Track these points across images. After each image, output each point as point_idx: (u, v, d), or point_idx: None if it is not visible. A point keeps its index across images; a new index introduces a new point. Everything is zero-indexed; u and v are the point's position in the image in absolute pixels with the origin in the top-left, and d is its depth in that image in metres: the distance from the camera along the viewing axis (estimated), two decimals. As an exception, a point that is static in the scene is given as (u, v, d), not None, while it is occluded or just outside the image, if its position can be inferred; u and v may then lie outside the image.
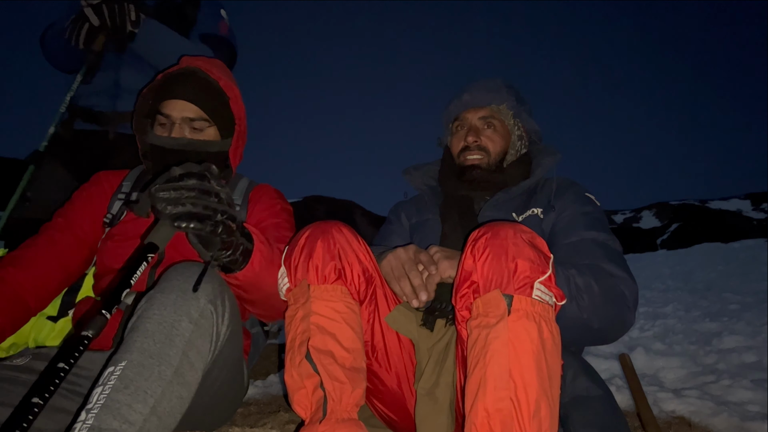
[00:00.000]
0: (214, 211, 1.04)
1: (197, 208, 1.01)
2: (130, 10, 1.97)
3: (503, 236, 1.11)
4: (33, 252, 1.41)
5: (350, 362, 1.18)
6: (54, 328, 1.45)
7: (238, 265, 1.20)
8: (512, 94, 1.72)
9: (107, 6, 1.94)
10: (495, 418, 0.99)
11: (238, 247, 1.17)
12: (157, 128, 1.52)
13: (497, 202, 1.61)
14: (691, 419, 1.87)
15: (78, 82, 2.01)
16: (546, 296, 1.07)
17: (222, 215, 1.05)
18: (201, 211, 1.02)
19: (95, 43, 2.00)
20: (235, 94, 1.57)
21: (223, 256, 1.15)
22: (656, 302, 4.85)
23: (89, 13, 1.95)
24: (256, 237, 1.24)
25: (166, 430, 0.98)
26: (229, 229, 1.09)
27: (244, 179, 1.70)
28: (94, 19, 1.95)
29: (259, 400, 2.11)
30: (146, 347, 0.98)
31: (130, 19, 1.98)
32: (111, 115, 2.07)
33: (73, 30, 1.97)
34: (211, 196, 1.04)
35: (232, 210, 1.10)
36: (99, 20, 1.95)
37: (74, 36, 1.97)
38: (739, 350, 2.75)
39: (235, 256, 1.17)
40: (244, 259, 1.20)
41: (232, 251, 1.15)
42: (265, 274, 1.26)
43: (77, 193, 1.58)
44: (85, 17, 1.95)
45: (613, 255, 1.40)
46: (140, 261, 1.00)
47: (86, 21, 1.95)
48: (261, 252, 1.24)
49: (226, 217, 1.07)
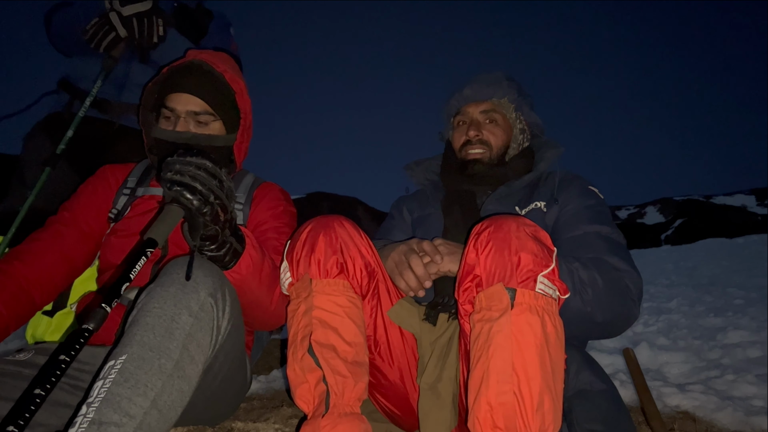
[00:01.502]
0: (210, 191, 1.05)
1: (195, 182, 1.03)
2: (159, 24, 1.98)
3: (506, 229, 1.10)
4: (38, 246, 1.41)
5: (352, 356, 1.18)
6: (51, 323, 1.45)
7: (224, 264, 1.19)
8: (513, 88, 1.71)
9: (138, 21, 1.95)
10: (498, 411, 0.99)
11: (225, 243, 1.16)
12: (162, 122, 1.51)
13: (500, 196, 1.60)
14: (696, 414, 1.86)
15: (98, 87, 1.98)
16: (549, 290, 1.07)
17: (216, 199, 1.06)
18: (197, 185, 1.03)
19: (115, 50, 1.99)
20: (240, 87, 1.56)
21: (206, 247, 1.14)
22: (660, 297, 4.83)
23: (116, 23, 1.94)
24: (249, 241, 1.24)
25: (167, 423, 0.98)
26: (215, 216, 1.08)
27: (250, 175, 1.69)
28: (122, 31, 1.95)
29: (262, 395, 2.11)
30: (146, 340, 0.98)
31: (158, 34, 2.00)
32: (116, 105, 2.06)
33: (96, 34, 1.94)
34: (214, 179, 1.06)
35: (227, 201, 1.10)
36: (127, 32, 1.95)
37: (96, 40, 1.95)
38: (744, 345, 2.73)
39: (220, 253, 1.16)
40: (230, 260, 1.19)
41: (218, 246, 1.15)
42: (252, 280, 1.25)
43: (83, 186, 1.58)
44: (111, 25, 1.94)
45: (617, 248, 1.40)
46: (140, 256, 1.00)
47: (113, 30, 1.94)
48: (251, 257, 1.24)
49: (218, 203, 1.07)
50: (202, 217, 1.06)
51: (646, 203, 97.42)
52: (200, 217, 1.06)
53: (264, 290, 1.30)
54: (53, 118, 2.06)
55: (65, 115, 2.03)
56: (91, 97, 1.97)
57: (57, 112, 2.07)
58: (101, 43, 1.96)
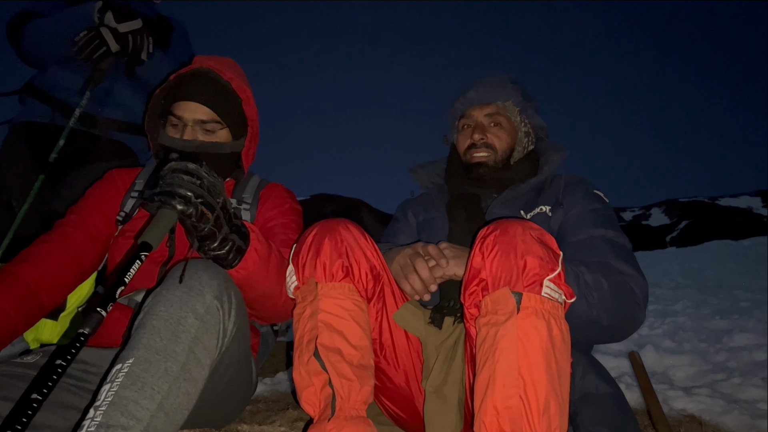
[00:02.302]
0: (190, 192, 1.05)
1: (171, 187, 1.04)
2: (149, 42, 2.04)
3: (512, 233, 1.10)
4: (47, 248, 1.42)
5: (358, 359, 1.18)
6: (56, 326, 1.46)
7: (228, 262, 1.19)
8: (518, 90, 1.71)
9: (133, 37, 1.98)
10: (504, 415, 0.99)
11: (226, 241, 1.16)
12: (169, 129, 1.52)
13: (505, 199, 1.60)
14: (702, 417, 1.86)
15: (87, 99, 2.00)
16: (555, 294, 1.07)
17: (197, 198, 1.06)
18: (174, 189, 1.04)
19: (103, 63, 2.02)
20: (247, 95, 1.57)
21: (207, 247, 1.15)
22: (666, 300, 4.81)
23: (108, 38, 1.96)
24: (253, 236, 1.24)
25: (174, 426, 0.98)
26: (201, 215, 1.08)
27: (255, 177, 1.70)
28: (114, 46, 1.98)
29: (267, 397, 2.11)
30: (152, 344, 0.99)
31: (148, 51, 2.05)
32: (98, 119, 2.08)
33: (86, 46, 1.96)
34: (195, 179, 1.07)
35: (210, 198, 1.10)
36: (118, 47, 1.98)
37: (86, 52, 1.96)
38: (750, 348, 2.72)
39: (223, 252, 1.17)
40: (235, 257, 1.20)
41: (218, 245, 1.15)
42: (259, 274, 1.26)
43: (90, 189, 1.59)
44: (102, 39, 1.96)
45: (623, 252, 1.39)
46: (134, 260, 1.01)
47: (104, 44, 1.96)
48: (257, 251, 1.24)
49: (200, 201, 1.07)
50: (188, 219, 1.07)
51: (651, 205, 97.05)
52: (186, 219, 1.06)
53: (272, 283, 1.31)
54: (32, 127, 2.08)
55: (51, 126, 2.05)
56: (80, 108, 1.99)
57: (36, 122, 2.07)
58: (91, 56, 1.97)
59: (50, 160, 1.94)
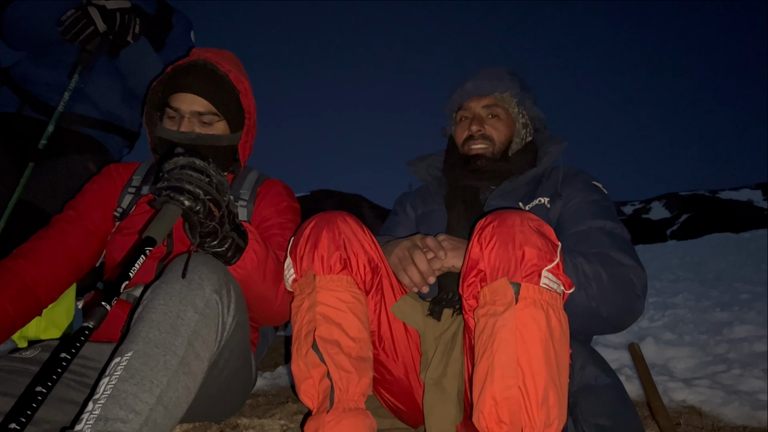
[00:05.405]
0: (199, 189, 1.05)
1: (180, 182, 1.04)
2: (136, 23, 2.01)
3: (510, 224, 1.10)
4: (44, 244, 1.41)
5: (356, 352, 1.18)
6: (40, 320, 1.45)
7: (227, 260, 1.20)
8: (516, 82, 1.70)
9: (120, 15, 1.96)
10: (503, 406, 0.98)
11: (226, 239, 1.17)
12: (166, 121, 1.51)
13: (503, 191, 1.59)
14: (702, 408, 1.86)
15: (75, 82, 1.98)
16: (554, 284, 1.06)
17: (206, 195, 1.06)
18: (185, 185, 1.04)
19: (90, 44, 2.00)
20: (245, 87, 1.56)
21: (207, 244, 1.15)
22: (666, 292, 4.81)
23: (96, 18, 1.94)
24: (251, 236, 1.24)
25: (173, 419, 0.98)
26: (209, 212, 1.08)
27: (254, 172, 1.69)
28: (101, 26, 1.96)
29: (267, 391, 2.12)
30: (151, 337, 0.98)
31: (134, 32, 2.02)
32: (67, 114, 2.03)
33: (73, 26, 1.94)
34: (203, 176, 1.07)
35: (218, 196, 1.10)
36: (106, 26, 1.96)
37: (72, 32, 1.95)
38: (750, 340, 2.72)
39: (222, 249, 1.17)
40: (233, 255, 1.20)
41: (219, 242, 1.15)
42: (256, 275, 1.26)
43: (88, 185, 1.58)
44: (89, 18, 1.94)
45: (622, 243, 1.39)
46: (139, 254, 1.01)
47: (91, 24, 1.95)
48: (255, 252, 1.24)
49: (209, 198, 1.07)
50: (196, 215, 1.06)
51: (651, 198, 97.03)
52: (194, 215, 1.06)
53: (269, 285, 1.31)
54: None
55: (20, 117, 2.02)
56: (69, 92, 1.96)
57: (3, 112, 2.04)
58: (78, 36, 1.96)
59: (39, 147, 1.91)
